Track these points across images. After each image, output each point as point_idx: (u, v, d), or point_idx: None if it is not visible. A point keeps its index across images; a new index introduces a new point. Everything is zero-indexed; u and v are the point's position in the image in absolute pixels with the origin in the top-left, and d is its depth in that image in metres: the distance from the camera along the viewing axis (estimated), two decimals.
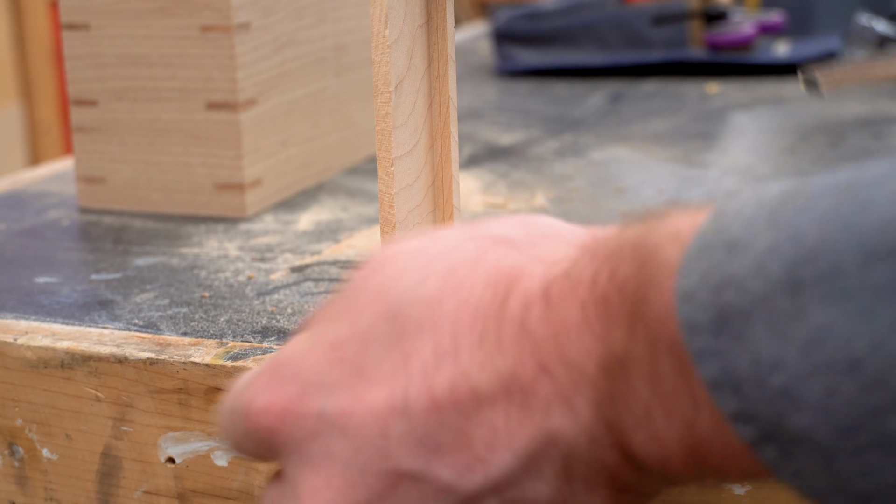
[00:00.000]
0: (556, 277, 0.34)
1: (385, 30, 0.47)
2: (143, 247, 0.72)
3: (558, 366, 0.33)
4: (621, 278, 0.32)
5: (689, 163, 0.91)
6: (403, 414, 0.34)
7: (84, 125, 0.80)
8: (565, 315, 0.33)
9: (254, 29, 0.77)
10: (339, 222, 0.76)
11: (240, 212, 0.78)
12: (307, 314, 0.41)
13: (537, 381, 0.33)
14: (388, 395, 0.34)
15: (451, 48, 0.52)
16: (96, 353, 0.54)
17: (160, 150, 0.78)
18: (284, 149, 0.81)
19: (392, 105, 0.48)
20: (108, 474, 0.56)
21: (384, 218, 0.49)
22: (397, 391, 0.34)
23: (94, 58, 0.78)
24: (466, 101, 1.20)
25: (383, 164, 0.49)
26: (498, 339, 0.34)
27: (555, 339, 0.33)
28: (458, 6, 3.40)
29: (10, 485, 0.58)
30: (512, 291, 0.35)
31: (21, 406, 0.56)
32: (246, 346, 0.54)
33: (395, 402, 0.34)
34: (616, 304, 0.32)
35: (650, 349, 0.31)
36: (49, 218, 0.79)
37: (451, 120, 0.52)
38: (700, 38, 1.33)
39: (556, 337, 0.33)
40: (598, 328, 0.33)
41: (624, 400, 0.32)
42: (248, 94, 0.77)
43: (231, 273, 0.66)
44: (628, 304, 0.32)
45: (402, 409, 0.34)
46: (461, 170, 0.89)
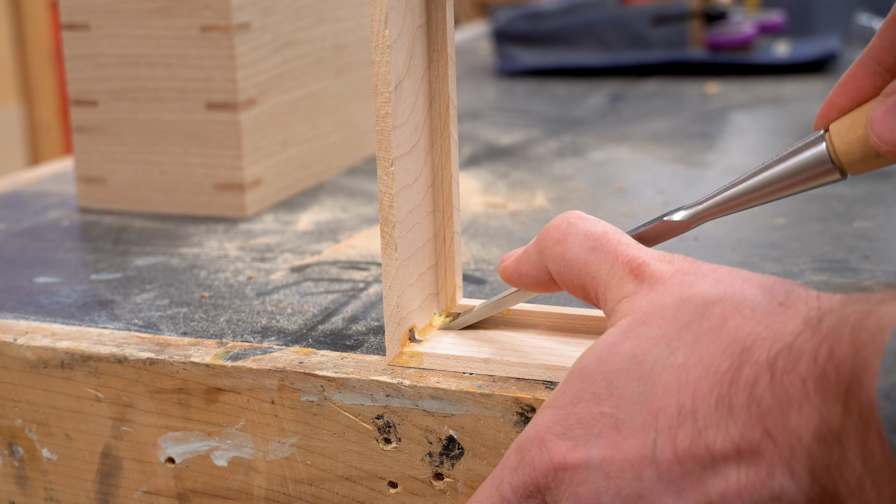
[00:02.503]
0: (781, 351, 0.39)
1: (385, 30, 0.47)
2: (143, 247, 0.72)
3: (781, 432, 0.38)
4: (839, 358, 0.36)
5: (689, 163, 0.91)
6: (653, 462, 0.40)
7: (84, 125, 0.80)
8: (788, 387, 0.38)
9: (254, 29, 0.77)
10: (339, 222, 0.76)
11: (240, 212, 0.78)
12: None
13: (763, 444, 0.38)
14: (640, 445, 0.41)
15: (451, 48, 0.52)
16: (96, 353, 0.54)
17: (160, 150, 0.78)
18: (284, 149, 0.81)
19: (392, 105, 0.48)
20: (108, 474, 0.56)
21: (384, 218, 0.49)
22: (647, 443, 0.41)
23: (94, 58, 0.78)
24: (466, 101, 1.20)
25: (383, 164, 0.49)
26: (730, 405, 0.39)
27: (779, 408, 0.38)
28: (458, 6, 3.40)
29: (10, 485, 0.58)
30: (745, 362, 0.39)
31: (21, 406, 0.56)
32: (246, 346, 0.54)
33: (646, 452, 0.41)
34: (833, 381, 0.36)
35: (863, 427, 0.36)
36: (49, 218, 0.79)
37: (451, 120, 0.52)
38: (700, 39, 1.32)
39: (780, 407, 0.38)
40: (816, 402, 0.37)
41: (838, 469, 0.37)
42: (248, 94, 0.77)
43: (231, 273, 0.66)
44: (844, 382, 0.36)
45: (651, 459, 0.40)
46: (461, 170, 0.89)
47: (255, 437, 0.52)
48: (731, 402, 0.39)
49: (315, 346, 0.54)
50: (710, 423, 0.39)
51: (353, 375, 0.50)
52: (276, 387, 0.51)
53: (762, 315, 0.41)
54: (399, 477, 0.50)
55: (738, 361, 0.40)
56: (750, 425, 0.39)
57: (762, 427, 0.38)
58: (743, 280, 0.43)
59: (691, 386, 0.40)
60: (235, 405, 0.52)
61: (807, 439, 0.37)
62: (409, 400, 0.49)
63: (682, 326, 0.42)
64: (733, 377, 0.40)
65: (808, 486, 0.38)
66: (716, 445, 0.39)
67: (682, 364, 0.41)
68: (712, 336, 0.41)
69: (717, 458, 0.39)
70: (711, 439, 0.39)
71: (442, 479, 0.50)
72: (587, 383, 0.43)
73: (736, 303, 0.42)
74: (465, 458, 0.49)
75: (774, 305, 0.41)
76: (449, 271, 0.54)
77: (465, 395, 0.48)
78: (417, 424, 0.49)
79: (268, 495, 0.53)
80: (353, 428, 0.50)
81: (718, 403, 0.40)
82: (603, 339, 0.44)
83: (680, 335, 0.42)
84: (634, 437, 0.41)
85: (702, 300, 0.43)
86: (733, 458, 0.39)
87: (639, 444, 0.41)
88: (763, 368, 0.39)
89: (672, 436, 0.40)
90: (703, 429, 0.40)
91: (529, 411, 0.47)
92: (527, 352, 0.50)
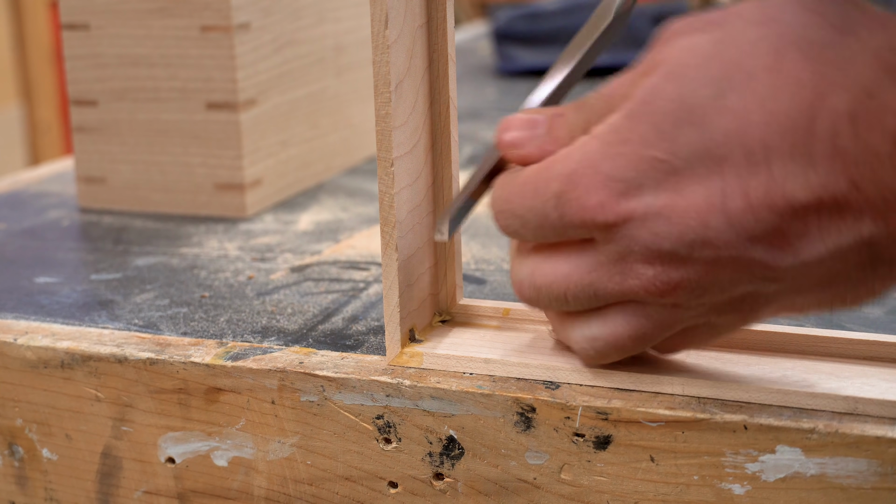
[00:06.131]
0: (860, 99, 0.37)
1: (385, 30, 0.47)
2: (143, 247, 0.72)
3: (870, 185, 0.37)
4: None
5: None
6: (722, 211, 0.39)
7: (84, 125, 0.80)
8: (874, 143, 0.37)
9: (254, 29, 0.77)
10: (339, 222, 0.76)
11: (240, 212, 0.77)
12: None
13: (850, 195, 0.38)
14: (706, 192, 0.39)
15: (451, 48, 0.52)
16: (96, 353, 0.54)
17: (160, 150, 0.78)
18: (284, 149, 0.81)
19: (392, 105, 0.48)
20: (108, 474, 0.56)
21: (384, 218, 0.49)
22: (714, 190, 0.39)
23: (94, 58, 0.78)
24: (466, 101, 1.20)
25: (383, 164, 0.49)
26: (809, 155, 0.38)
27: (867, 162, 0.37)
28: (458, 6, 3.40)
29: (10, 485, 0.58)
30: (818, 109, 0.38)
31: (21, 406, 0.56)
32: (246, 345, 0.54)
33: (714, 199, 0.39)
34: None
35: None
36: (49, 218, 0.79)
37: (451, 120, 0.52)
38: None
39: (867, 161, 0.37)
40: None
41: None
42: (248, 94, 0.77)
43: (231, 273, 0.66)
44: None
45: (720, 207, 0.39)
46: (461, 170, 0.89)
47: (256, 437, 0.52)
48: (810, 152, 0.38)
49: (315, 346, 0.54)
50: (788, 173, 0.38)
51: (354, 375, 0.50)
52: (276, 387, 0.51)
53: (823, 48, 0.39)
54: (399, 477, 0.50)
55: (811, 109, 0.38)
56: (834, 176, 0.38)
57: (848, 178, 0.37)
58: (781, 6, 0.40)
59: (758, 132, 0.38)
60: (235, 405, 0.52)
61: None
62: (410, 400, 0.49)
63: (730, 65, 0.40)
64: (809, 126, 0.38)
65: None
66: (795, 195, 0.38)
67: (740, 108, 0.39)
68: (770, 76, 0.39)
69: (797, 207, 0.38)
70: (790, 189, 0.38)
71: (442, 479, 0.50)
72: (635, 123, 0.41)
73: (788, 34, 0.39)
74: (466, 458, 0.49)
75: (834, 34, 0.39)
76: (449, 271, 0.54)
77: (465, 395, 0.48)
78: (418, 424, 0.49)
79: (268, 495, 0.53)
80: (354, 428, 0.50)
81: (794, 152, 0.38)
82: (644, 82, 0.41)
83: (729, 75, 0.39)
84: (699, 184, 0.40)
85: (743, 38, 0.40)
86: (814, 206, 0.38)
87: (704, 192, 0.39)
88: (843, 119, 0.37)
89: (743, 184, 0.39)
90: (780, 178, 0.38)
91: (530, 411, 0.47)
92: (527, 352, 0.50)
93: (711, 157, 0.39)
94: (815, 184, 0.38)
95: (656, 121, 0.40)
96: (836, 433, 0.43)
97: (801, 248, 0.39)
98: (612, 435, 0.46)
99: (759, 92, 0.39)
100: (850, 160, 0.37)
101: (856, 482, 0.43)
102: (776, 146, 0.38)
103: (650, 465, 0.46)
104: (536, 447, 0.47)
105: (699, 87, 0.40)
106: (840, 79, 0.38)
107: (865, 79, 0.37)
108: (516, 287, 0.47)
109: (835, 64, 0.38)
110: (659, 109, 0.40)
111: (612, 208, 0.41)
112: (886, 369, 0.47)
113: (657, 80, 0.41)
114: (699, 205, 0.39)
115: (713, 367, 0.47)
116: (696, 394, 0.46)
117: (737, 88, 0.39)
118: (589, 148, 0.42)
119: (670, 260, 0.41)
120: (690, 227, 0.40)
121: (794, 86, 0.38)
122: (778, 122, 0.38)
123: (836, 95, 0.38)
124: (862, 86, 0.37)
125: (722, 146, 0.39)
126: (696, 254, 0.40)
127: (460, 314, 0.54)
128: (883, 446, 0.42)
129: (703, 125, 0.39)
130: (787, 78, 0.39)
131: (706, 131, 0.39)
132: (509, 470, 0.48)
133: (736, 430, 0.44)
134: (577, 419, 0.46)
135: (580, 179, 0.42)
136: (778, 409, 0.45)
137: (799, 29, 0.39)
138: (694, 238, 0.40)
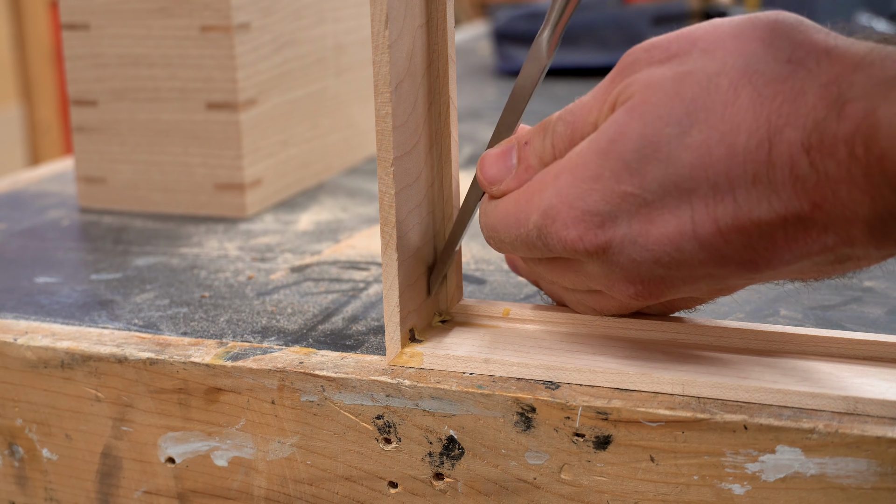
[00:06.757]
0: (812, 132, 0.40)
1: (385, 30, 0.47)
2: (143, 247, 0.72)
3: (831, 204, 0.40)
4: (878, 153, 0.38)
5: None
6: (693, 237, 0.42)
7: (84, 125, 0.80)
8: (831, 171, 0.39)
9: (254, 29, 0.77)
10: (339, 222, 0.76)
11: (240, 212, 0.77)
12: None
13: (813, 214, 0.40)
14: (677, 221, 0.42)
15: (451, 48, 0.52)
16: (96, 353, 0.54)
17: (160, 150, 0.78)
18: (284, 149, 0.81)
19: (392, 105, 0.48)
20: (108, 474, 0.56)
21: (384, 218, 0.49)
22: (685, 219, 0.42)
23: (94, 58, 0.78)
24: (466, 101, 1.20)
25: (383, 164, 0.49)
26: (770, 181, 0.40)
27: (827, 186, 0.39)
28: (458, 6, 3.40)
29: (10, 485, 0.58)
30: (775, 141, 0.40)
31: (21, 406, 0.56)
32: (246, 346, 0.54)
33: (685, 227, 0.42)
34: (881, 176, 0.38)
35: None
36: (49, 218, 0.79)
37: (451, 120, 0.52)
38: None
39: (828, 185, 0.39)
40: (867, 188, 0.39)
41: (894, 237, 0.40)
42: (248, 94, 0.77)
43: (231, 273, 0.66)
44: (887, 173, 0.38)
45: (691, 234, 0.42)
46: (461, 170, 0.89)
47: (256, 437, 0.52)
48: (771, 179, 0.41)
49: (315, 346, 0.54)
50: (752, 199, 0.41)
51: (354, 375, 0.50)
52: (276, 387, 0.51)
53: (776, 82, 0.41)
54: (399, 477, 0.50)
55: (768, 142, 0.40)
56: (797, 199, 0.40)
57: (809, 201, 0.40)
58: (735, 38, 0.43)
59: (721, 165, 0.41)
60: (235, 405, 0.52)
61: (863, 214, 0.39)
62: (410, 400, 0.49)
63: (689, 103, 0.42)
64: (767, 158, 0.40)
65: (866, 242, 0.40)
66: (761, 218, 0.41)
67: (703, 143, 0.42)
68: (728, 111, 0.42)
69: (763, 227, 0.41)
70: (755, 213, 0.41)
71: (442, 479, 0.50)
72: (605, 160, 0.44)
73: (743, 67, 0.42)
74: (466, 458, 0.49)
75: (785, 67, 0.41)
76: (449, 271, 0.54)
77: (465, 395, 0.48)
78: (417, 424, 0.49)
79: (268, 495, 0.53)
80: (354, 428, 0.50)
81: (756, 181, 0.41)
82: (611, 119, 0.44)
83: (690, 111, 0.42)
84: (670, 214, 0.43)
85: (702, 73, 0.43)
86: (779, 224, 0.41)
87: (676, 221, 0.43)
88: (798, 150, 0.40)
89: (711, 212, 0.42)
90: (745, 204, 0.41)
91: (530, 411, 0.47)
92: (527, 352, 0.50)
93: (679, 189, 0.42)
94: (778, 206, 0.41)
95: (625, 158, 0.43)
96: (836, 433, 0.43)
97: (771, 259, 0.42)
98: (612, 435, 0.46)
99: (718, 128, 0.41)
100: (809, 185, 0.40)
101: (856, 482, 0.43)
102: (738, 176, 0.41)
103: (650, 465, 0.46)
104: (536, 447, 0.47)
105: (663, 125, 0.42)
106: (793, 113, 0.40)
107: (816, 112, 0.40)
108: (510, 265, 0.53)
109: (787, 98, 0.41)
110: (627, 148, 0.43)
111: (591, 240, 0.44)
112: (886, 369, 0.47)
113: (623, 117, 0.43)
114: (671, 232, 0.43)
115: (713, 368, 0.47)
116: (696, 394, 0.46)
117: (698, 125, 0.42)
118: (563, 183, 0.45)
119: (650, 279, 0.45)
120: (665, 252, 0.43)
121: (752, 120, 0.41)
122: (738, 155, 0.41)
123: (790, 129, 0.40)
124: (813, 119, 0.40)
125: (689, 179, 0.42)
126: (672, 273, 0.44)
127: (460, 314, 0.54)
128: (883, 446, 0.42)
129: (669, 161, 0.42)
130: (745, 113, 0.41)
131: (672, 166, 0.42)
132: (509, 470, 0.48)
133: (736, 430, 0.44)
134: (577, 419, 0.46)
135: (557, 214, 0.45)
136: (778, 409, 0.45)
137: (753, 62, 0.42)
138: (669, 261, 0.43)
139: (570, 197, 0.44)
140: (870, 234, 0.40)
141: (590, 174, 0.44)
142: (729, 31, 0.43)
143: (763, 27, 0.43)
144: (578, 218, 0.44)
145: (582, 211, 0.44)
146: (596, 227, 0.44)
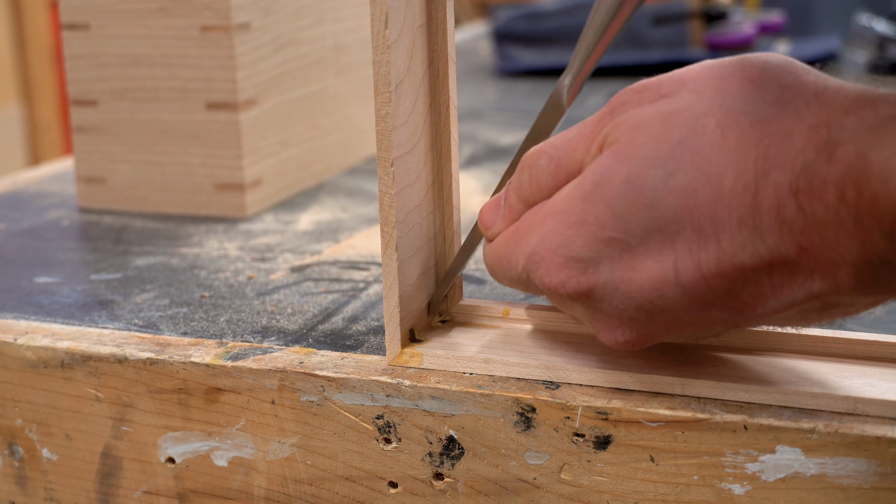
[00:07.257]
0: (800, 175, 0.39)
1: (385, 30, 0.47)
2: (143, 247, 0.72)
3: (818, 249, 0.39)
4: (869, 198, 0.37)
5: None
6: (676, 283, 0.42)
7: (84, 125, 0.80)
8: (819, 214, 0.39)
9: (254, 29, 0.77)
10: (339, 222, 0.76)
11: (240, 212, 0.77)
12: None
13: (800, 258, 0.39)
14: (659, 267, 0.42)
15: (451, 48, 0.52)
16: (96, 353, 0.54)
17: (160, 150, 0.78)
18: (284, 149, 0.81)
19: (392, 105, 0.48)
20: (108, 474, 0.56)
21: (384, 218, 0.49)
22: (667, 265, 0.42)
23: (94, 58, 0.78)
24: (466, 101, 1.20)
25: (383, 164, 0.49)
26: (755, 226, 0.40)
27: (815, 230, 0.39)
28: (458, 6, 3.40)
29: (10, 485, 0.58)
30: (762, 184, 0.40)
31: (21, 406, 0.56)
32: (246, 346, 0.54)
33: (668, 273, 0.42)
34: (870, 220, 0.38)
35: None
36: (49, 218, 0.79)
37: (451, 120, 0.52)
38: (700, 38, 1.32)
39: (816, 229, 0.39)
40: (856, 232, 0.38)
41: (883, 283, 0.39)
42: (248, 94, 0.77)
43: (231, 273, 0.66)
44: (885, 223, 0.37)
45: (674, 280, 0.42)
46: (461, 170, 0.89)
47: (255, 437, 0.52)
48: (757, 223, 0.40)
49: (315, 346, 0.54)
50: (737, 244, 0.40)
51: (354, 375, 0.50)
52: (276, 387, 0.51)
53: (764, 123, 0.40)
54: (399, 477, 0.50)
55: (755, 185, 0.40)
56: (783, 243, 0.40)
57: (796, 244, 0.39)
58: (721, 78, 0.42)
59: (706, 209, 0.41)
60: (235, 405, 0.52)
61: (851, 258, 0.39)
62: (410, 400, 0.49)
63: (675, 145, 0.42)
64: (753, 201, 0.40)
65: (853, 287, 0.40)
66: (745, 263, 0.40)
67: (688, 186, 0.41)
68: (715, 153, 0.41)
69: (748, 273, 0.40)
70: (739, 258, 0.40)
71: (442, 479, 0.50)
72: (589, 205, 0.43)
73: (731, 109, 0.41)
74: (466, 458, 0.49)
75: (773, 108, 0.41)
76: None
77: (465, 395, 0.48)
78: (417, 424, 0.49)
79: (268, 495, 0.53)
80: (354, 428, 0.50)
81: (741, 225, 0.40)
82: (597, 161, 0.44)
83: (676, 154, 0.42)
84: (652, 259, 0.42)
85: (689, 114, 0.42)
86: (765, 271, 0.40)
87: (658, 267, 0.42)
88: (785, 193, 0.39)
89: (694, 257, 0.41)
90: (729, 249, 0.40)
91: (530, 411, 0.47)
92: (527, 352, 0.50)
93: (663, 233, 0.42)
94: (763, 251, 0.40)
95: (610, 203, 0.43)
96: (836, 433, 0.43)
97: (757, 305, 0.42)
98: (612, 435, 0.46)
99: (704, 170, 0.41)
100: (796, 229, 0.39)
101: (856, 482, 0.43)
102: (723, 220, 0.40)
103: (650, 465, 0.46)
104: (536, 447, 0.47)
105: (649, 168, 0.42)
106: (780, 156, 0.40)
107: (805, 155, 0.39)
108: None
109: (775, 140, 0.40)
110: (611, 193, 0.43)
111: (573, 286, 0.44)
112: (886, 369, 0.47)
113: (609, 161, 0.43)
114: (653, 279, 0.42)
115: (713, 368, 0.47)
116: (696, 394, 0.46)
117: (684, 167, 0.41)
118: (547, 228, 0.45)
119: (634, 323, 0.44)
120: (647, 299, 0.43)
121: (739, 163, 0.40)
122: (724, 198, 0.40)
123: (778, 172, 0.40)
124: (802, 162, 0.39)
125: (673, 224, 0.41)
126: (656, 319, 0.43)
127: (460, 314, 0.54)
128: (883, 446, 0.42)
129: (654, 205, 0.42)
130: (732, 155, 0.41)
131: (656, 210, 0.42)
132: (509, 470, 0.48)
133: (736, 430, 0.44)
134: (577, 419, 0.46)
135: (541, 260, 0.45)
136: (778, 409, 0.45)
137: (741, 103, 0.41)
138: (651, 308, 0.43)
139: (554, 243, 0.44)
140: (857, 279, 0.39)
141: (574, 219, 0.44)
142: (718, 72, 0.43)
143: (752, 68, 0.42)
144: (562, 264, 0.44)
145: (565, 257, 0.44)
146: (579, 273, 0.44)
